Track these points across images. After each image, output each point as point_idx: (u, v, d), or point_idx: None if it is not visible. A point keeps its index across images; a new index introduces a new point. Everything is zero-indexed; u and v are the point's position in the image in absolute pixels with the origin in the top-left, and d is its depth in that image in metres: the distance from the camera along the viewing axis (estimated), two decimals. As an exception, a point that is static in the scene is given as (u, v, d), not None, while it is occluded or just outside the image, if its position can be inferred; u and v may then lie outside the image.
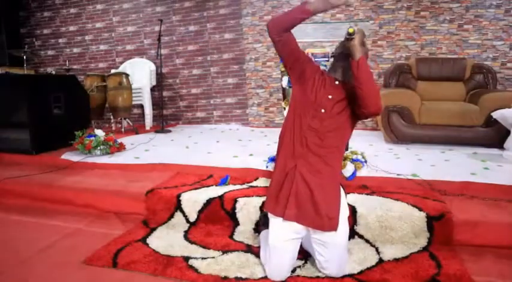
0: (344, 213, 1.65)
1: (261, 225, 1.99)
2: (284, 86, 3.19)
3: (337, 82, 1.68)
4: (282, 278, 1.58)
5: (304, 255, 1.77)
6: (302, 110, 1.67)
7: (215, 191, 2.24)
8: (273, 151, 2.48)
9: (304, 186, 1.60)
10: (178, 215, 2.20)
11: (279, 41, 1.62)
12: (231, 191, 2.25)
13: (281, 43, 1.63)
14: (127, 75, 4.75)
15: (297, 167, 1.63)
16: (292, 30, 1.63)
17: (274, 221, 1.64)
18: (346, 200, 1.72)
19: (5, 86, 3.50)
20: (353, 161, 2.47)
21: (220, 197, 2.16)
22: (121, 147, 3.47)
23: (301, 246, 1.79)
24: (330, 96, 1.65)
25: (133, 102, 4.94)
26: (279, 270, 1.58)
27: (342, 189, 1.71)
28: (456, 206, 2.02)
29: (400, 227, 1.90)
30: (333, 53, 1.78)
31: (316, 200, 1.57)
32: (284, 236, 1.59)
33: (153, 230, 2.12)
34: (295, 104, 1.72)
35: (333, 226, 1.57)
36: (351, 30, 1.58)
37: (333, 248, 1.57)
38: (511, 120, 3.09)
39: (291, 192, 1.61)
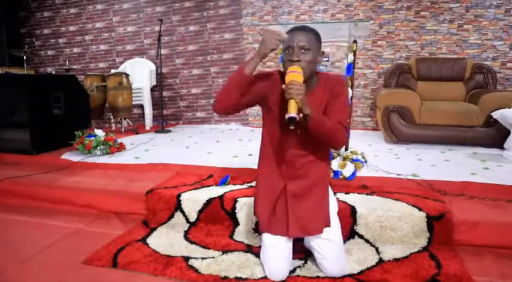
0: (333, 210, 1.66)
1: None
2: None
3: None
4: (281, 277, 1.58)
5: (305, 255, 1.77)
6: (278, 132, 1.62)
7: (215, 191, 2.24)
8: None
9: (297, 201, 1.60)
10: (178, 215, 2.20)
11: (235, 111, 1.59)
12: (231, 191, 2.24)
13: (239, 109, 1.59)
14: (127, 75, 4.75)
15: (287, 187, 1.62)
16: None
17: None
18: (333, 196, 1.74)
19: (5, 86, 3.50)
20: (353, 161, 2.47)
21: (220, 197, 2.16)
22: (121, 147, 3.47)
23: (303, 244, 1.79)
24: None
25: (134, 102, 4.94)
26: (277, 270, 1.58)
27: (329, 187, 1.72)
28: (456, 206, 2.02)
29: (400, 227, 1.90)
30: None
31: (311, 208, 1.59)
32: (279, 236, 1.60)
33: (153, 230, 2.12)
34: (268, 125, 1.65)
35: (327, 223, 1.59)
36: (292, 128, 1.36)
37: (328, 244, 1.58)
38: (511, 120, 3.09)
39: (288, 211, 1.59)
